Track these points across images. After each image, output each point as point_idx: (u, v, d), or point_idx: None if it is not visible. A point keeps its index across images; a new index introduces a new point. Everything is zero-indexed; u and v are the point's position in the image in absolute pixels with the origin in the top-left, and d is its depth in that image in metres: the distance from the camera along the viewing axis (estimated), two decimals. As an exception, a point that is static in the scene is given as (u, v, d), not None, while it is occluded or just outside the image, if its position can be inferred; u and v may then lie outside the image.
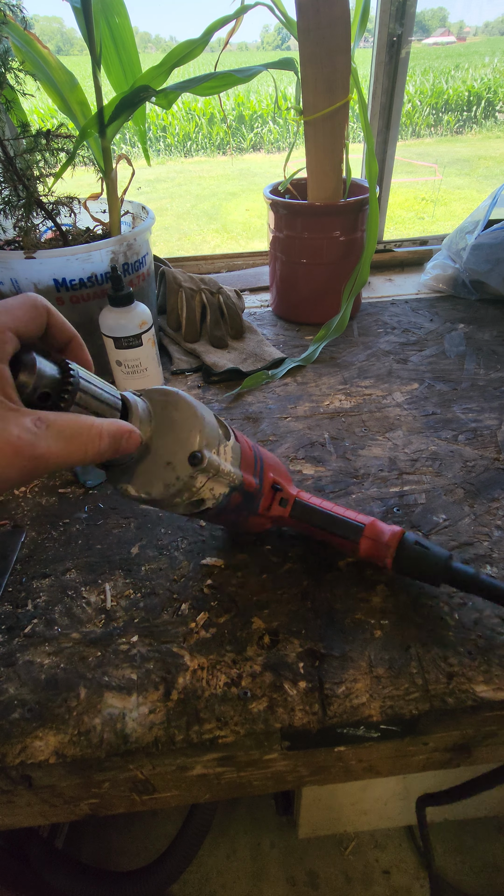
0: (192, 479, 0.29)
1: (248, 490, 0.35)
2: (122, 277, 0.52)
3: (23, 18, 0.58)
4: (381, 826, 0.89)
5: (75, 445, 0.24)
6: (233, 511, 0.36)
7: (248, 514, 0.37)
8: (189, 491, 0.30)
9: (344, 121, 0.63)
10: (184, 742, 0.31)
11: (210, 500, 0.32)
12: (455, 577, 0.35)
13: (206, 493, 0.32)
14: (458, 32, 48.36)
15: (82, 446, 0.24)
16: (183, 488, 0.29)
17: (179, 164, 6.75)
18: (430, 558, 0.35)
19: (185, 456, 0.29)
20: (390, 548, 0.36)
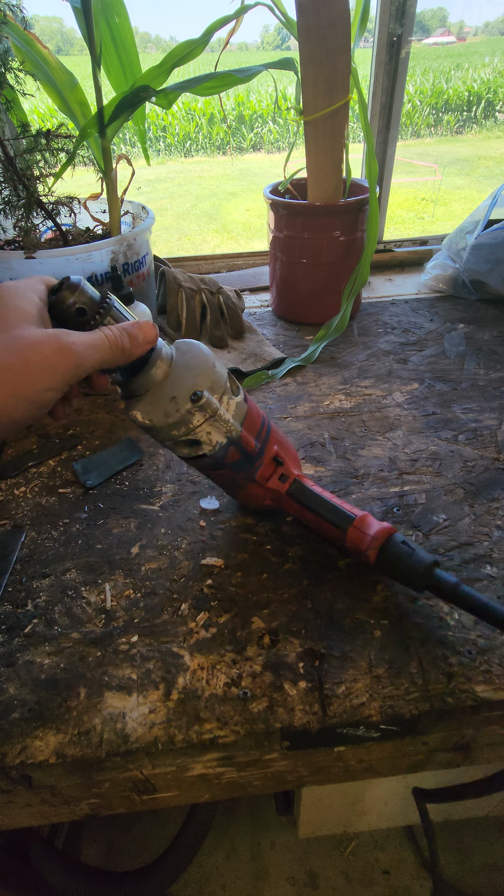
0: (189, 415, 0.33)
1: (247, 449, 0.36)
2: (122, 277, 0.52)
3: (23, 18, 0.59)
4: (381, 826, 0.88)
5: (99, 344, 0.28)
6: (231, 468, 0.37)
7: (247, 478, 0.38)
8: (186, 426, 0.33)
9: (344, 121, 0.63)
10: (184, 742, 0.31)
11: (206, 445, 0.35)
12: (436, 585, 0.34)
13: (203, 435, 0.34)
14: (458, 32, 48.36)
15: (108, 344, 0.28)
16: (180, 421, 0.32)
17: (179, 164, 6.75)
18: (414, 560, 0.34)
19: (188, 393, 0.32)
20: (377, 541, 0.36)
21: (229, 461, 0.36)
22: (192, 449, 0.35)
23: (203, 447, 0.35)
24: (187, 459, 0.36)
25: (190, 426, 0.33)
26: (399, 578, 0.36)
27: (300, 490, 0.39)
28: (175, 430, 0.33)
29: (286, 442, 0.41)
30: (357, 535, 0.37)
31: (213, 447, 0.35)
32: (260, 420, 0.38)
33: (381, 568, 0.36)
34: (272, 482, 0.39)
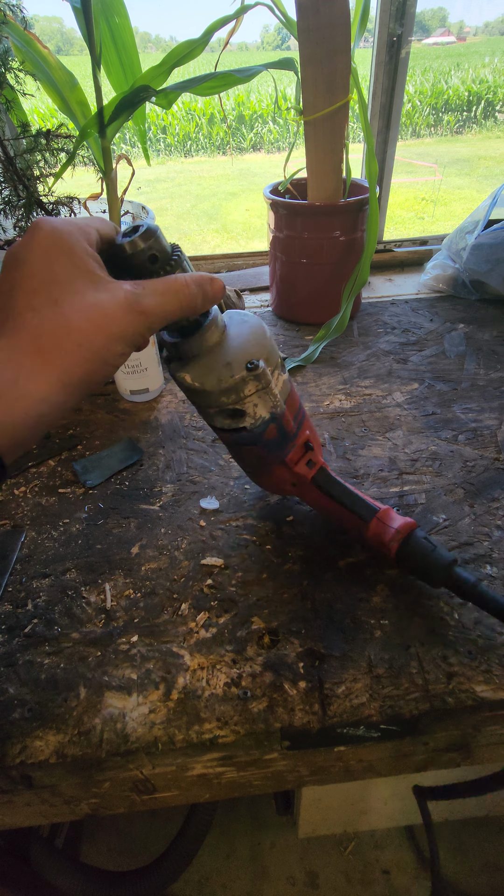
0: (243, 383, 0.32)
1: (286, 428, 0.36)
2: (122, 277, 0.52)
3: (23, 18, 0.59)
4: (380, 826, 0.89)
5: (170, 296, 0.27)
6: (265, 446, 0.36)
7: (277, 459, 0.38)
8: (237, 394, 0.32)
9: (344, 121, 0.63)
10: (184, 742, 0.31)
11: (249, 417, 0.34)
12: (455, 582, 0.34)
13: (250, 407, 0.33)
14: (458, 32, 48.37)
15: (176, 296, 0.27)
16: (232, 388, 0.32)
17: (179, 164, 6.75)
18: (435, 556, 0.35)
19: (244, 360, 0.32)
20: (400, 534, 0.36)
21: (266, 438, 0.36)
22: (234, 420, 0.34)
23: (246, 419, 0.34)
24: (223, 431, 0.36)
25: (241, 394, 0.33)
26: (418, 573, 0.36)
27: (326, 478, 0.39)
28: (224, 397, 0.33)
29: (314, 429, 0.41)
30: (380, 527, 0.37)
31: (256, 421, 0.34)
32: (298, 402, 0.38)
33: (401, 561, 0.36)
34: (300, 467, 0.39)
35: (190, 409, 0.60)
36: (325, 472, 0.39)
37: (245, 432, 0.35)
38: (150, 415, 0.60)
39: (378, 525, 0.37)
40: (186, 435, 0.56)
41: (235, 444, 0.37)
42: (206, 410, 0.35)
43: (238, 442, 0.36)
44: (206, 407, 0.34)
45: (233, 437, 0.36)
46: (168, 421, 0.58)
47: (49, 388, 0.23)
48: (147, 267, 0.28)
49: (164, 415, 0.60)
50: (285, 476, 0.39)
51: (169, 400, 0.62)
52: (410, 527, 0.36)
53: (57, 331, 0.23)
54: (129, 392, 0.61)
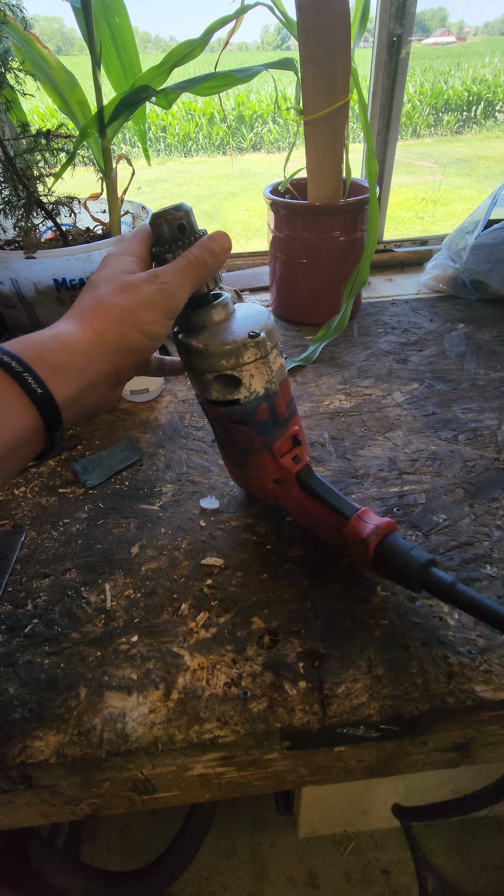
0: (244, 347, 0.34)
1: (277, 410, 0.37)
2: (122, 277, 0.52)
3: (23, 18, 0.59)
4: (381, 826, 0.89)
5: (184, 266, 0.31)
6: (254, 426, 0.37)
7: (264, 444, 0.38)
8: (236, 358, 0.34)
9: (344, 121, 0.63)
10: (184, 742, 0.31)
11: (244, 389, 0.35)
12: (433, 583, 0.33)
13: (246, 377, 0.35)
14: (458, 32, 48.33)
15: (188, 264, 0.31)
16: (233, 351, 0.34)
17: (179, 164, 6.75)
18: (412, 555, 0.34)
19: (246, 330, 0.34)
20: (380, 529, 0.35)
21: (257, 418, 0.36)
22: (229, 390, 0.35)
23: (241, 391, 0.35)
24: (216, 404, 0.36)
25: (240, 359, 0.34)
26: (395, 575, 0.35)
27: (309, 475, 0.39)
28: (224, 360, 0.34)
29: (302, 429, 0.41)
30: (360, 524, 0.36)
31: (250, 395, 0.35)
32: (290, 394, 0.39)
33: (379, 561, 0.35)
34: (286, 460, 0.39)
35: (190, 409, 0.60)
36: (310, 469, 0.40)
37: (238, 406, 0.36)
38: (150, 415, 0.60)
39: (357, 522, 0.36)
40: (186, 435, 0.56)
41: (227, 420, 0.37)
42: (204, 378, 0.35)
43: (230, 418, 0.37)
44: (205, 372, 0.35)
45: (225, 411, 0.37)
46: (168, 421, 0.58)
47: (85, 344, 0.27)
48: (177, 235, 0.32)
49: (164, 415, 0.60)
50: (270, 468, 0.39)
51: (169, 400, 0.62)
52: (390, 526, 0.36)
53: (92, 303, 0.29)
54: (129, 392, 0.61)
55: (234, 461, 0.42)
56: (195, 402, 0.62)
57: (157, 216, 0.32)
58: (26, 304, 0.58)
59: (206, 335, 0.35)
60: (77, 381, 0.27)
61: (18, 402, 0.25)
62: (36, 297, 0.58)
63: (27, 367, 0.25)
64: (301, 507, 0.40)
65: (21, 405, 0.25)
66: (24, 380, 0.25)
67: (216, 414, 0.38)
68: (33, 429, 0.26)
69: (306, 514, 0.40)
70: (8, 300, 0.59)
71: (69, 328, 0.28)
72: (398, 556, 0.34)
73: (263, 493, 0.42)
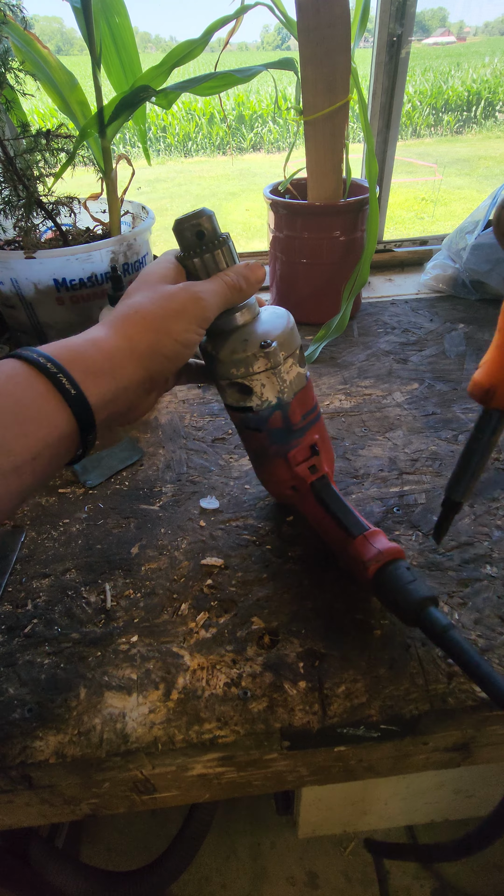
0: (253, 358, 0.34)
1: (291, 420, 0.37)
2: (122, 277, 0.52)
3: (23, 18, 0.59)
4: (381, 826, 0.89)
5: (219, 284, 0.32)
6: (269, 434, 0.37)
7: (278, 453, 0.38)
8: (246, 368, 0.34)
9: (344, 121, 0.63)
10: (184, 742, 0.31)
11: (256, 398, 0.35)
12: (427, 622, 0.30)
13: (258, 386, 0.35)
14: (458, 32, 48.33)
15: (223, 284, 0.33)
16: (243, 361, 0.34)
17: (179, 164, 6.75)
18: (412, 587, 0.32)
19: (259, 340, 0.34)
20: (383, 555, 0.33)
21: (271, 426, 0.37)
22: (242, 397, 0.36)
23: (253, 399, 0.36)
24: (232, 409, 0.37)
25: (250, 370, 0.34)
26: (390, 602, 0.33)
27: (324, 486, 0.39)
28: (234, 369, 0.34)
29: (328, 441, 0.41)
30: (364, 546, 0.34)
31: (262, 403, 0.36)
32: (313, 402, 0.39)
33: (377, 586, 0.34)
34: (301, 468, 0.38)
35: (190, 409, 0.60)
36: (326, 481, 0.39)
37: (251, 413, 0.36)
38: (150, 415, 0.60)
39: (362, 543, 0.34)
40: (186, 435, 0.56)
41: (243, 425, 0.38)
42: (220, 383, 0.36)
43: (245, 424, 0.37)
44: (219, 378, 0.36)
45: (240, 417, 0.37)
46: (168, 421, 0.58)
47: (117, 349, 0.28)
48: (195, 242, 0.33)
49: (164, 415, 0.60)
50: (285, 476, 0.39)
51: (169, 400, 0.62)
52: (395, 553, 0.34)
53: (126, 310, 0.30)
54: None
55: (253, 464, 0.42)
56: (195, 401, 0.62)
57: (179, 222, 0.33)
58: (26, 304, 0.59)
59: (222, 339, 0.35)
60: (110, 384, 0.28)
61: (53, 401, 0.26)
62: (36, 297, 0.58)
63: (61, 367, 0.26)
64: (316, 517, 0.39)
65: (55, 404, 0.26)
66: (58, 380, 0.26)
67: (234, 418, 0.38)
68: (67, 429, 0.26)
69: (320, 525, 0.39)
70: (8, 300, 0.59)
71: (103, 333, 0.29)
72: (396, 586, 0.32)
73: (282, 498, 0.43)
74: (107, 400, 0.28)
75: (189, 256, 0.33)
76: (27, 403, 0.25)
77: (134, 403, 0.31)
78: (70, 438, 0.27)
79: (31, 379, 0.25)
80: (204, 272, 0.33)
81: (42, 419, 0.25)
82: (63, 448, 0.27)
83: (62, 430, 0.26)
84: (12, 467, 0.24)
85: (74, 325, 0.60)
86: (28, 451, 0.25)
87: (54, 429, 0.26)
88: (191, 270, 0.33)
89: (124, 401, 0.29)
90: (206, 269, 0.33)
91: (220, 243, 0.33)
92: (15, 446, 0.24)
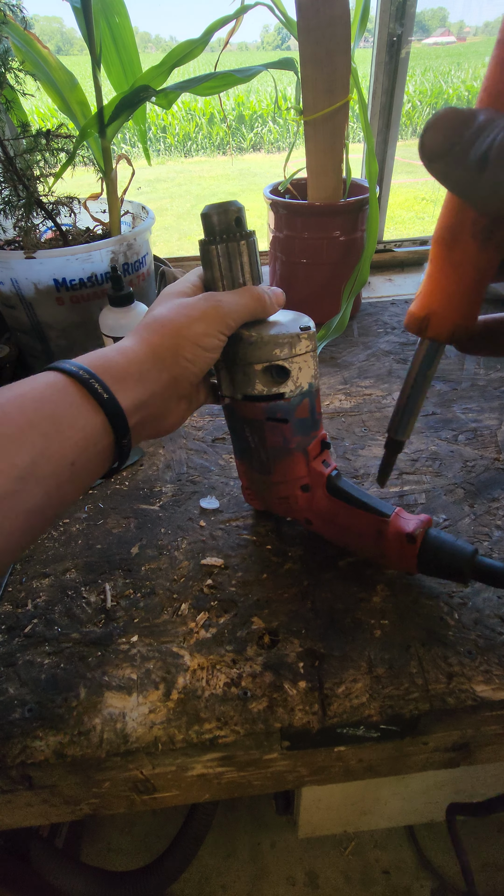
0: (297, 338, 0.34)
1: (315, 409, 0.37)
2: (122, 277, 0.52)
3: (23, 18, 0.59)
4: (381, 826, 0.89)
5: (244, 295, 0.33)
6: (294, 424, 0.36)
7: (299, 445, 0.37)
8: (290, 347, 0.34)
9: (344, 121, 0.63)
10: (184, 742, 0.31)
11: (291, 383, 0.35)
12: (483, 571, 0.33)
13: (295, 369, 0.35)
14: (458, 32, 48.29)
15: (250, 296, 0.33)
16: (288, 342, 0.34)
17: (179, 164, 6.75)
18: (458, 544, 0.34)
19: (297, 326, 0.35)
20: (424, 523, 0.35)
21: (298, 416, 0.36)
22: (277, 381, 0.35)
23: (287, 384, 0.35)
24: (256, 399, 0.35)
25: (294, 350, 0.34)
26: (443, 568, 0.34)
27: (340, 478, 0.39)
28: (278, 349, 0.34)
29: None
30: (401, 521, 0.35)
31: (296, 388, 0.35)
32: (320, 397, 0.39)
33: (425, 556, 0.35)
34: (317, 462, 0.38)
35: (190, 409, 0.60)
36: (339, 474, 0.39)
37: (282, 401, 0.35)
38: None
39: (398, 519, 0.35)
40: (186, 435, 0.56)
41: (265, 417, 0.36)
42: (250, 370, 0.34)
43: (269, 414, 0.36)
44: (253, 363, 0.34)
45: (267, 407, 0.35)
46: (168, 421, 0.58)
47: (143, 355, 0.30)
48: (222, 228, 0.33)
49: (164, 415, 0.59)
50: (301, 472, 0.38)
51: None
52: (429, 521, 0.36)
53: (149, 321, 0.32)
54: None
55: (259, 468, 0.39)
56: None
57: (209, 207, 0.33)
58: (26, 304, 0.58)
59: (258, 327, 0.35)
60: (138, 389, 0.29)
61: (87, 406, 0.27)
62: (36, 297, 0.58)
63: (93, 374, 0.28)
64: (329, 515, 0.38)
65: (90, 408, 0.27)
66: (91, 385, 0.27)
67: (252, 412, 0.36)
68: (102, 432, 0.28)
69: (334, 522, 0.38)
70: (8, 300, 0.59)
71: (129, 343, 0.31)
72: (445, 548, 0.34)
73: (284, 503, 0.40)
74: (137, 403, 0.29)
75: (213, 242, 0.33)
76: (65, 409, 0.26)
77: (164, 410, 0.32)
78: (105, 444, 0.28)
79: (67, 387, 0.27)
80: (226, 260, 0.33)
81: (78, 424, 0.27)
82: (99, 454, 0.28)
83: (98, 434, 0.27)
84: (52, 471, 0.25)
85: (74, 325, 0.60)
86: (66, 455, 0.26)
87: (91, 433, 0.27)
88: (212, 258, 0.33)
89: (154, 405, 0.31)
90: (228, 257, 0.33)
91: (246, 235, 0.33)
92: (55, 451, 0.26)
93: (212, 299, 0.32)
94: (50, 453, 0.25)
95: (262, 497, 0.42)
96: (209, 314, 0.31)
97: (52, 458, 0.25)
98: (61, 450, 0.26)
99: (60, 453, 0.26)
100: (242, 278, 0.34)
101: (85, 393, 0.27)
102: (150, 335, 0.31)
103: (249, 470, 0.41)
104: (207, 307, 0.32)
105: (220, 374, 0.37)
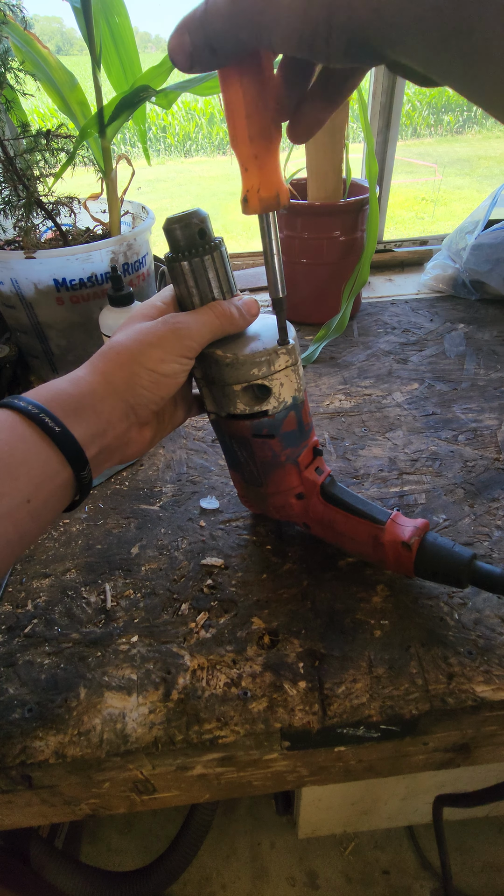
0: (275, 354, 0.33)
1: (303, 420, 0.36)
2: (122, 277, 0.52)
3: (23, 18, 0.59)
4: (380, 826, 0.89)
5: (207, 314, 0.32)
6: (282, 438, 0.36)
7: (289, 458, 0.37)
8: (268, 366, 0.33)
9: (344, 121, 0.63)
10: (184, 742, 0.31)
11: (273, 399, 0.34)
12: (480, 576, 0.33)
13: (276, 385, 0.34)
14: (458, 32, 48.16)
15: (214, 313, 0.32)
16: (265, 360, 0.33)
17: (179, 164, 6.75)
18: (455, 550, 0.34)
19: (275, 338, 0.33)
20: (420, 530, 0.35)
21: (285, 430, 0.35)
22: (258, 400, 0.34)
23: (270, 401, 0.34)
24: (239, 418, 0.35)
25: (272, 367, 0.33)
26: (440, 574, 0.34)
27: (334, 484, 0.38)
28: (255, 369, 0.33)
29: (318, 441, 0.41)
30: (396, 528, 0.35)
31: (279, 404, 0.34)
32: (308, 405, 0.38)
33: (422, 563, 0.34)
34: (310, 471, 0.38)
35: (190, 409, 0.60)
36: (333, 481, 0.39)
37: (266, 419, 0.34)
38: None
39: (394, 526, 0.35)
40: (186, 435, 0.56)
41: (251, 434, 0.35)
42: (229, 390, 0.34)
43: (255, 432, 0.35)
44: (231, 384, 0.33)
45: (250, 425, 0.35)
46: (168, 421, 0.58)
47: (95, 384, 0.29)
48: (184, 243, 0.31)
49: (164, 415, 0.59)
50: (294, 483, 0.38)
51: (169, 400, 0.62)
52: (427, 525, 0.36)
53: (105, 349, 0.31)
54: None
55: (251, 480, 0.39)
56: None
57: (169, 221, 0.31)
58: (26, 304, 0.58)
59: (233, 344, 0.33)
60: (93, 420, 0.28)
61: (40, 441, 0.26)
62: (36, 297, 0.58)
63: (43, 408, 0.27)
64: (325, 521, 0.38)
65: (42, 444, 0.27)
66: (41, 420, 0.27)
67: (237, 430, 0.36)
68: (59, 467, 0.27)
69: (332, 528, 0.38)
70: (8, 300, 0.59)
71: (82, 373, 0.30)
72: (442, 554, 0.34)
73: (280, 511, 0.40)
74: (92, 434, 0.28)
75: (177, 259, 0.31)
76: (15, 446, 0.26)
77: (125, 439, 0.31)
78: (64, 477, 0.27)
79: (15, 424, 0.26)
80: (192, 277, 0.31)
81: (31, 461, 0.26)
82: (59, 488, 0.27)
83: (53, 469, 0.27)
84: (6, 511, 0.25)
85: (74, 325, 0.60)
86: (20, 493, 0.25)
87: (45, 468, 0.26)
88: (178, 275, 0.32)
89: (111, 435, 0.30)
90: (194, 274, 0.31)
91: (212, 248, 0.31)
92: (7, 490, 0.25)
93: (170, 322, 0.31)
94: (1, 492, 0.25)
95: (258, 505, 0.42)
96: (166, 339, 0.30)
97: (4, 497, 0.25)
98: (14, 488, 0.25)
99: (14, 491, 0.25)
100: (212, 294, 0.32)
101: (36, 428, 0.26)
102: (104, 364, 0.30)
103: (242, 480, 0.41)
104: (165, 331, 0.30)
105: (202, 392, 0.36)
